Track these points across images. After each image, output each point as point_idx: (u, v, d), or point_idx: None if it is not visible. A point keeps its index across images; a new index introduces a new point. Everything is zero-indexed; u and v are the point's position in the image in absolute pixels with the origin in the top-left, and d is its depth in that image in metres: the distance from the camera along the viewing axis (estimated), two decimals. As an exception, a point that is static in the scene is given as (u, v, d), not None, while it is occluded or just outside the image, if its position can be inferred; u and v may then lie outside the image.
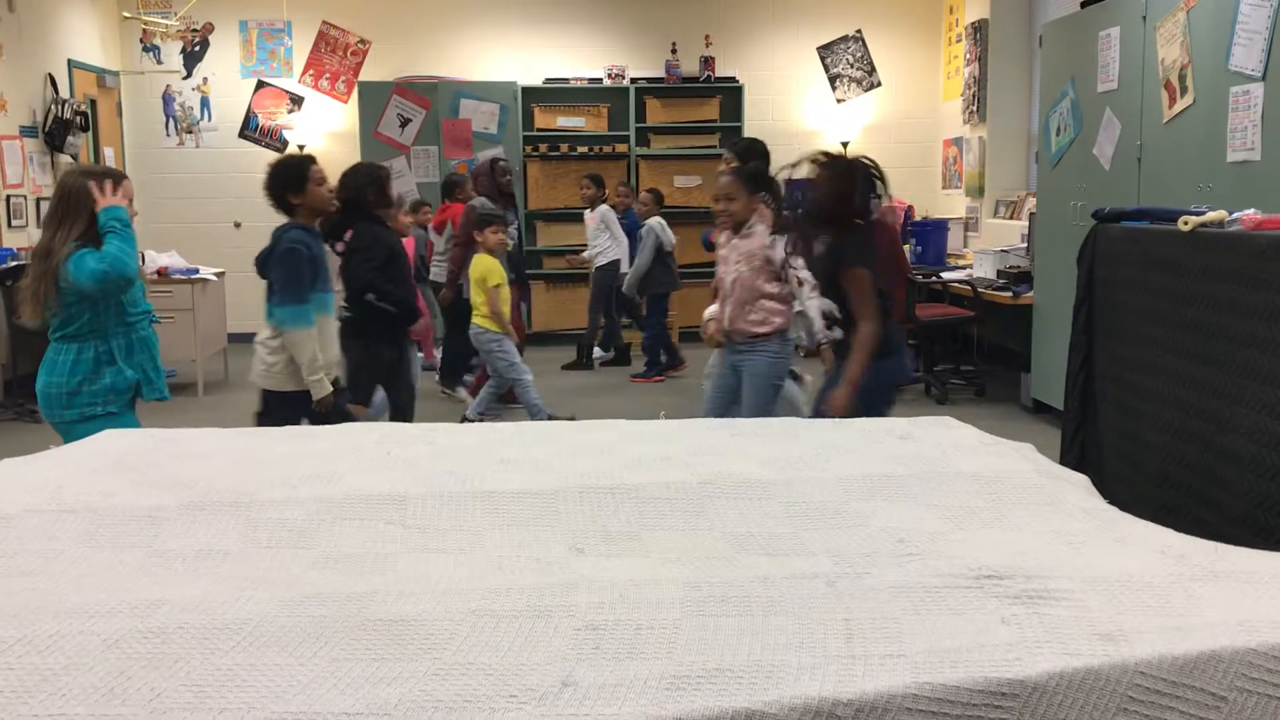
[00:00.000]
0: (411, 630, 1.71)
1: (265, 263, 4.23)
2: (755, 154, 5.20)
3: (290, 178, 4.26)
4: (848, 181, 3.87)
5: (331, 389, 4.21)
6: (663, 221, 8.38)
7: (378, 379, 5.04)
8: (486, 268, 6.39)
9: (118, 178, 3.81)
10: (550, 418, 6.21)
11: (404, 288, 5.01)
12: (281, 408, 4.17)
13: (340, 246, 4.94)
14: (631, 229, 8.68)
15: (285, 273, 4.11)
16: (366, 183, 4.93)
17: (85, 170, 3.85)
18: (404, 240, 5.99)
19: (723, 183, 4.43)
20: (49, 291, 3.63)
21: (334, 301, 4.54)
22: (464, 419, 6.41)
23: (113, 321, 3.76)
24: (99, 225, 3.67)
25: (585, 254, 8.80)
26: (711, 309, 4.58)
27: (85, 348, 3.72)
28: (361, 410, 4.96)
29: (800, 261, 4.17)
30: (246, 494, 2.34)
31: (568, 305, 10.38)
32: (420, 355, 6.51)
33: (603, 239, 8.68)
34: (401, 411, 5.17)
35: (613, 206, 8.78)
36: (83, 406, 3.71)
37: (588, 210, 8.78)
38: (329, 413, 4.13)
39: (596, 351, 9.26)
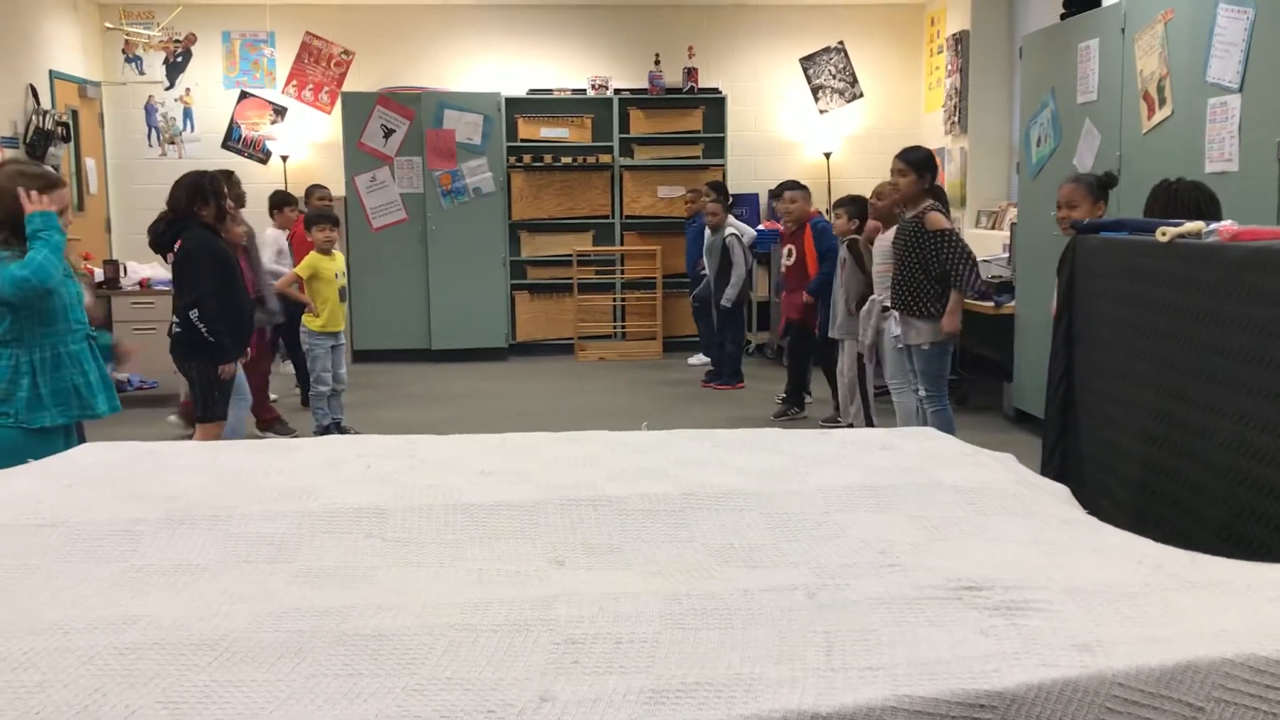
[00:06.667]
0: (389, 645, 1.70)
1: None
2: (926, 164, 5.35)
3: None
4: None
5: None
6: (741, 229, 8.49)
7: (226, 393, 5.04)
8: (313, 264, 6.59)
9: (53, 181, 3.69)
10: (330, 430, 6.44)
11: (232, 299, 4.97)
12: None
13: (171, 257, 4.96)
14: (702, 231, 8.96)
15: None
16: (188, 192, 4.93)
17: (19, 170, 3.70)
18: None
19: (1066, 189, 4.60)
20: None
21: None
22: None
23: (38, 330, 3.58)
24: (27, 231, 3.53)
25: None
26: None
27: (9, 356, 3.56)
28: (220, 426, 4.97)
29: None
30: (225, 508, 2.33)
31: (552, 315, 10.39)
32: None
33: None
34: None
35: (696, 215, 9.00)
36: None
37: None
38: None
39: (699, 358, 9.40)
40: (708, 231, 8.67)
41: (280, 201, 7.91)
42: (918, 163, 5.32)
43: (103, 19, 10.07)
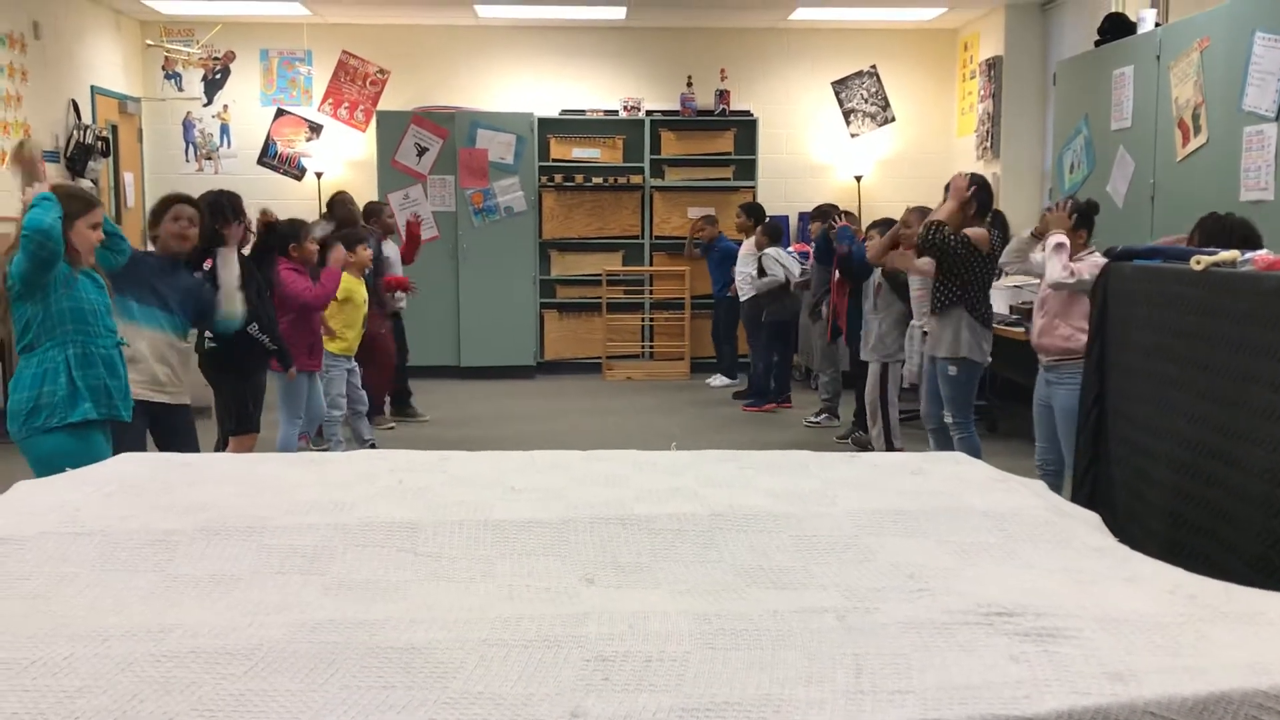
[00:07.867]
0: (421, 658, 1.72)
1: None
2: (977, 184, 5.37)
3: None
4: None
5: None
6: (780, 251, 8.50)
7: (259, 405, 5.08)
8: (348, 287, 6.47)
9: (90, 202, 3.73)
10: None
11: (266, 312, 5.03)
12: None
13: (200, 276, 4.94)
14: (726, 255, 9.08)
15: None
16: (210, 212, 4.92)
17: (66, 193, 3.73)
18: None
19: (1045, 217, 4.68)
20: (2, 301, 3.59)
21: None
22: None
23: (69, 327, 3.63)
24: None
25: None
26: None
27: (44, 357, 3.61)
28: (252, 439, 4.99)
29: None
30: (260, 519, 2.35)
31: (580, 334, 10.42)
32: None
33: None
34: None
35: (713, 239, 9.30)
36: (42, 419, 3.59)
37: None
38: None
39: (719, 380, 9.51)
40: (745, 249, 8.70)
41: (370, 212, 7.91)
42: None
43: (144, 36, 10.23)
